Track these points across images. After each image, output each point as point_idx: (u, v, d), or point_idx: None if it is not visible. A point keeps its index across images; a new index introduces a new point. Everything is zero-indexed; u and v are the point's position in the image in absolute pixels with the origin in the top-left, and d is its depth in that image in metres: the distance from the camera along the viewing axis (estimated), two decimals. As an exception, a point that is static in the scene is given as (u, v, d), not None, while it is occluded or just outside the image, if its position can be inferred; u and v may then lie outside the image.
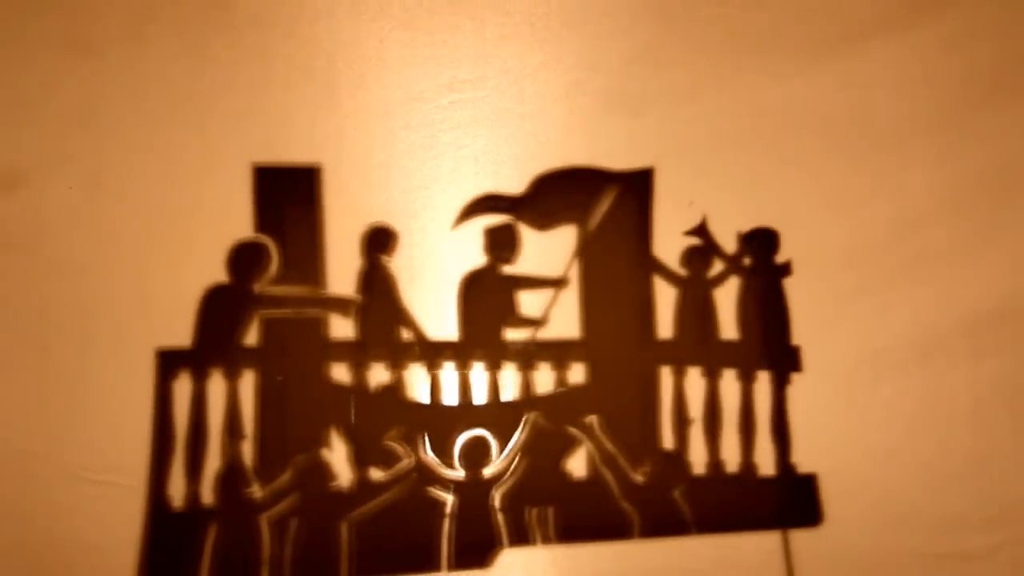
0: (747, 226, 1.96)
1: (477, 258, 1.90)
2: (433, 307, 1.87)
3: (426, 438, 1.81)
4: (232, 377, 1.79)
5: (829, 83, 2.01)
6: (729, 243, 1.96)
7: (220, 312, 1.81)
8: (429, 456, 1.81)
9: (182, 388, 1.79)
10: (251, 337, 1.82)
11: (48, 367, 1.78)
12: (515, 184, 1.92)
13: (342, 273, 1.85)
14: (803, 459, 1.91)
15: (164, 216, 1.84)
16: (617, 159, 1.95)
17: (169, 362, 1.78)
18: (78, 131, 1.85)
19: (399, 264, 1.87)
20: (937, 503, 1.91)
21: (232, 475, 1.76)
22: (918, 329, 1.96)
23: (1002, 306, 1.98)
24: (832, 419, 1.92)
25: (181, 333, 1.80)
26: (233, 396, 1.79)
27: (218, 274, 1.83)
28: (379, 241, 1.86)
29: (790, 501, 1.88)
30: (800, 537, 1.87)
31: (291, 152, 1.88)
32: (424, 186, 1.90)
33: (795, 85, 2.00)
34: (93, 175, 1.84)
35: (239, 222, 1.85)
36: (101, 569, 1.73)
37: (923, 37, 2.03)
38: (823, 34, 2.02)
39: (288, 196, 1.86)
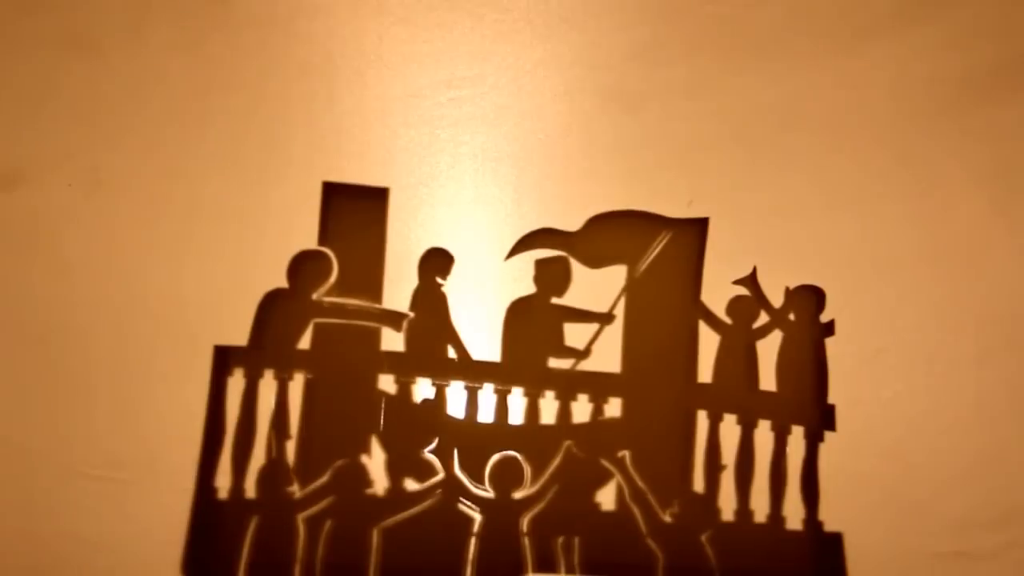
0: (743, 224, 1.95)
1: (474, 258, 1.91)
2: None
3: (461, 454, 1.84)
4: (283, 378, 1.84)
5: (828, 82, 2.01)
6: (723, 236, 1.94)
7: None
8: (461, 473, 1.84)
9: (235, 385, 1.84)
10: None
11: (47, 364, 1.81)
12: (512, 182, 1.93)
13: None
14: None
15: (164, 213, 1.87)
16: (615, 157, 1.96)
17: (224, 358, 1.84)
18: (77, 128, 1.88)
19: (398, 260, 1.90)
20: (942, 503, 1.89)
21: (274, 472, 1.82)
22: (922, 330, 1.95)
23: (1006, 307, 1.96)
24: (836, 418, 1.91)
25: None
26: (283, 396, 1.84)
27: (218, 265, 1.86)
28: (434, 263, 1.90)
29: (816, 558, 1.87)
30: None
31: (289, 148, 1.90)
32: (423, 183, 1.93)
33: (794, 84, 2.01)
34: (92, 172, 1.86)
35: (245, 226, 1.88)
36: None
37: (923, 36, 2.03)
38: (823, 33, 2.03)
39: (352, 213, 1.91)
